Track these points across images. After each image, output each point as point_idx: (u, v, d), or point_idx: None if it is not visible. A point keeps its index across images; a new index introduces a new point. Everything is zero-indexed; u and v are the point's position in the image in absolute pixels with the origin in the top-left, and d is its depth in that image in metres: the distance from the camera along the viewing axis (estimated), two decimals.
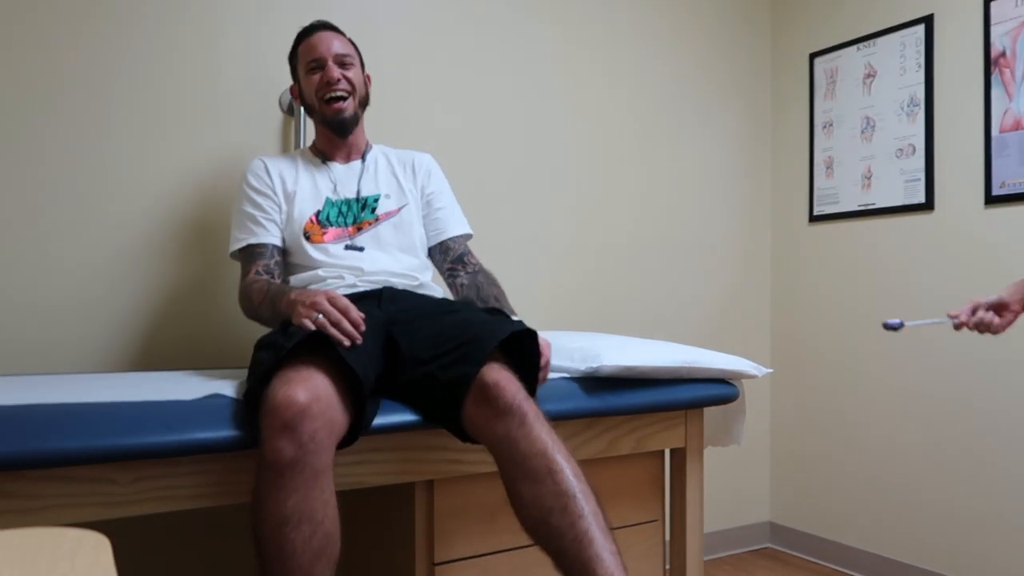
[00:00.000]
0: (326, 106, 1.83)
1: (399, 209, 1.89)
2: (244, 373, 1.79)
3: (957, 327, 1.68)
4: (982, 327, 1.64)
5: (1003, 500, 2.39)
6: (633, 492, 1.88)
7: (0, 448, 1.20)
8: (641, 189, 2.84)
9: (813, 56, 2.98)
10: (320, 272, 1.76)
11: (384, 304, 1.71)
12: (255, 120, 2.16)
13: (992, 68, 2.41)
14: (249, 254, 1.79)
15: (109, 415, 1.33)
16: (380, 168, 1.93)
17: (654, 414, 1.83)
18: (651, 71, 2.86)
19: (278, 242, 1.82)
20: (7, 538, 0.75)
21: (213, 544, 2.03)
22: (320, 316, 1.42)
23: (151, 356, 2.04)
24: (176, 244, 2.08)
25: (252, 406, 1.36)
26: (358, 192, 1.87)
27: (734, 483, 3.04)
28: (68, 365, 1.96)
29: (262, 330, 2.05)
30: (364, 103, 1.91)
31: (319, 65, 1.83)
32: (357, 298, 1.69)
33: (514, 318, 1.66)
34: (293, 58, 1.90)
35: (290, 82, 2.21)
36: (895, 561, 2.67)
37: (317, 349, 1.40)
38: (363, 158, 1.93)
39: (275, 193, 1.83)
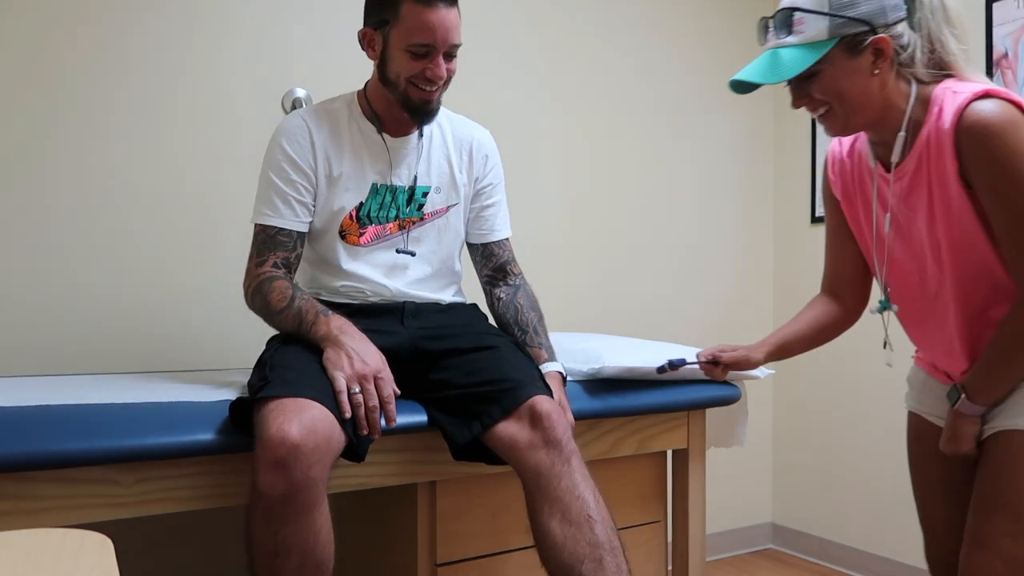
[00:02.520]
0: (414, 89, 1.57)
1: (447, 209, 1.71)
2: (248, 374, 1.79)
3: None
4: (713, 374, 1.71)
5: None
6: (636, 493, 1.87)
7: (3, 449, 1.20)
8: (643, 190, 2.83)
9: None
10: (340, 288, 1.65)
11: (407, 320, 1.64)
12: (258, 121, 2.15)
13: (994, 70, 2.40)
14: (268, 237, 1.59)
15: (112, 416, 1.33)
16: (435, 148, 1.70)
17: (656, 415, 1.83)
18: (652, 72, 2.86)
19: (304, 228, 1.62)
20: (11, 539, 0.75)
21: (215, 546, 2.03)
22: (359, 393, 1.36)
23: (155, 357, 2.04)
24: (180, 244, 2.08)
25: (243, 411, 1.36)
26: (409, 180, 1.67)
27: (736, 484, 3.03)
28: (71, 367, 1.96)
29: (269, 331, 2.05)
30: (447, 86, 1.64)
31: (427, 53, 1.54)
32: (377, 312, 1.63)
33: (547, 351, 1.66)
34: (392, 7, 1.53)
35: (293, 83, 2.20)
36: (896, 562, 2.67)
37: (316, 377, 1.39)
38: (420, 130, 1.69)
39: (315, 173, 1.61)
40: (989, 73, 2.41)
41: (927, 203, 1.30)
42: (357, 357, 1.40)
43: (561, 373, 1.63)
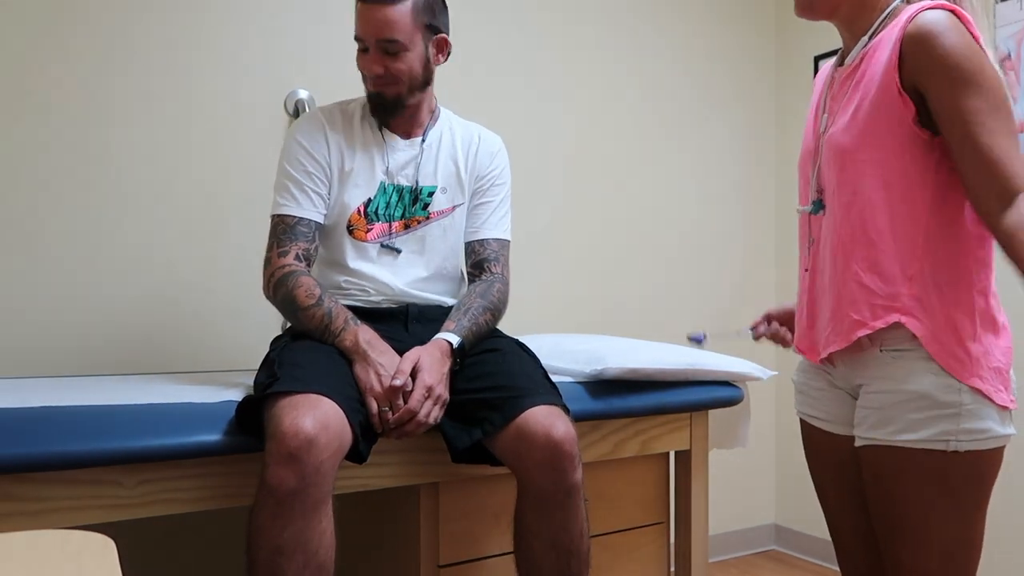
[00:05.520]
0: (367, 82, 1.65)
1: (453, 209, 1.73)
2: (251, 376, 1.79)
3: (756, 338, 1.65)
4: (776, 339, 1.63)
5: (1005, 502, 2.38)
6: (639, 494, 1.87)
7: (7, 451, 1.20)
8: (645, 191, 2.83)
9: (817, 59, 2.97)
10: (343, 284, 1.66)
11: (411, 325, 1.65)
12: (260, 122, 2.16)
13: None
14: (288, 227, 1.61)
15: (114, 418, 1.33)
16: (443, 149, 1.73)
17: (659, 416, 1.83)
18: (655, 72, 2.86)
19: (321, 219, 1.64)
20: (14, 540, 0.75)
21: (218, 547, 2.03)
22: (389, 411, 1.40)
23: (158, 359, 2.05)
24: (182, 246, 2.08)
25: (250, 412, 1.36)
26: (415, 180, 1.70)
27: (739, 485, 3.03)
28: (73, 368, 1.96)
29: (272, 332, 2.05)
30: (422, 85, 1.68)
31: (362, 47, 1.62)
32: (381, 316, 1.63)
33: (456, 325, 1.57)
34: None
35: (295, 84, 2.20)
36: None
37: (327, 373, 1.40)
38: (424, 136, 1.73)
39: (329, 167, 1.65)
40: None
41: (850, 102, 1.29)
42: (386, 374, 1.43)
43: (450, 344, 1.52)
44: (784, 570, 2.89)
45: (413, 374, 1.44)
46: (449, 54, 1.73)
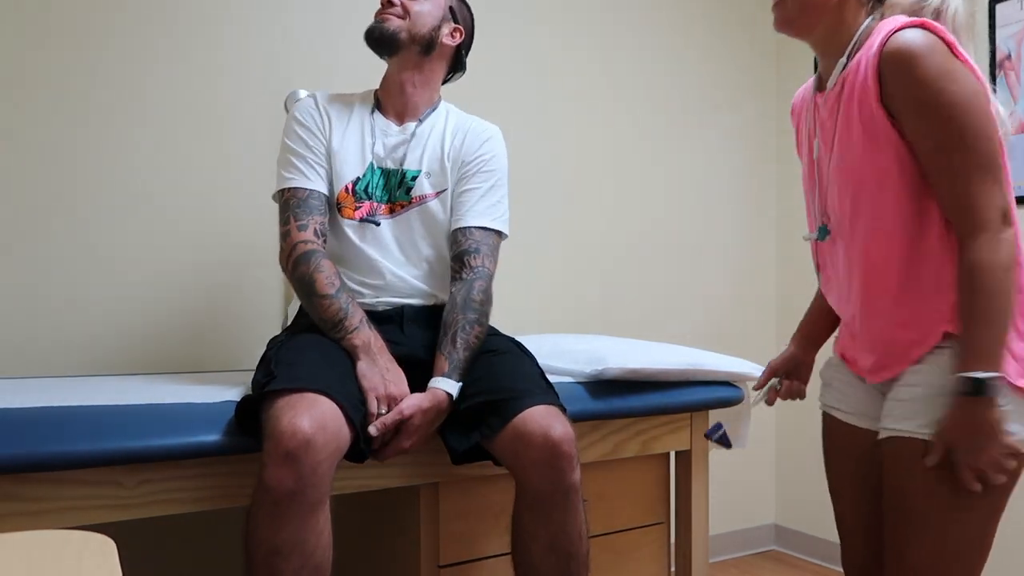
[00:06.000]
0: (376, 15, 1.66)
1: (436, 194, 1.69)
2: (251, 376, 1.79)
3: (771, 403, 1.63)
4: (791, 396, 1.63)
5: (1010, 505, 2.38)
6: (639, 494, 1.87)
7: (7, 451, 1.20)
8: (646, 192, 2.83)
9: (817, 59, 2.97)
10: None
11: (407, 326, 1.64)
12: (260, 123, 2.16)
13: (997, 71, 2.40)
14: (302, 201, 1.60)
15: (115, 418, 1.33)
16: (434, 134, 1.71)
17: (659, 417, 1.83)
18: (657, 74, 2.86)
19: (327, 192, 1.64)
20: (14, 541, 0.75)
21: (218, 547, 2.03)
22: (384, 413, 1.41)
23: (158, 359, 2.04)
24: (183, 245, 2.08)
25: (249, 412, 1.36)
26: (400, 164, 1.68)
27: (739, 486, 3.03)
28: (75, 368, 1.96)
29: (271, 332, 2.05)
30: (424, 43, 1.67)
31: None
32: (377, 319, 1.59)
33: (450, 362, 1.53)
34: None
35: (295, 85, 2.21)
36: None
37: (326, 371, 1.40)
38: (419, 123, 1.72)
39: (324, 137, 1.66)
40: (992, 75, 2.41)
41: (843, 130, 1.29)
42: (391, 379, 1.45)
43: (449, 394, 1.48)
44: (784, 570, 2.89)
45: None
46: (461, 65, 1.80)
